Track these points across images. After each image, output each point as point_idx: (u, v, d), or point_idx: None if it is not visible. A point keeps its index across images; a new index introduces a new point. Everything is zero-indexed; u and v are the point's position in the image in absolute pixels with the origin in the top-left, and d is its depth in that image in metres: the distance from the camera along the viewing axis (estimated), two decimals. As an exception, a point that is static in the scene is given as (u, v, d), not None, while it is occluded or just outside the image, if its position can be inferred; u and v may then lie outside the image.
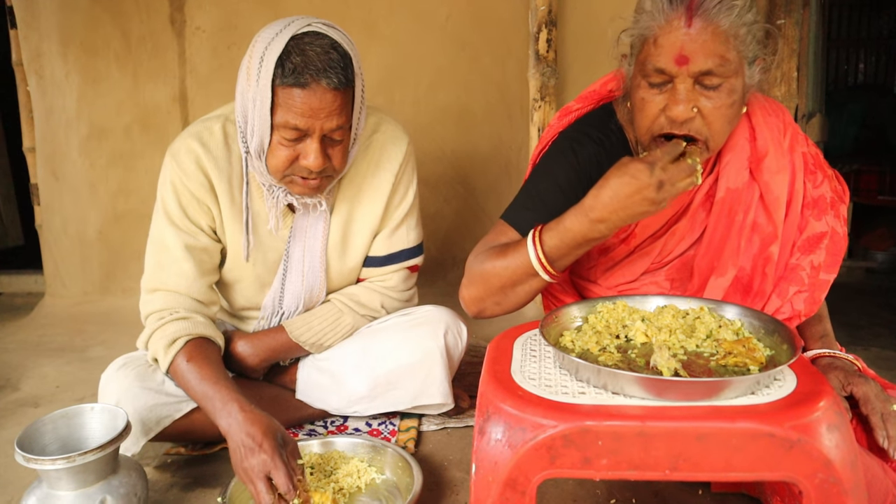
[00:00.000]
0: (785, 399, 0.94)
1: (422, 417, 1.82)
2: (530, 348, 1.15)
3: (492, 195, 2.87)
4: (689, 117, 1.22)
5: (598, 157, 1.40)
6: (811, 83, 2.98)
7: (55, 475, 1.23)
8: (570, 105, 1.52)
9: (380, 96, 2.80)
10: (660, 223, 1.40)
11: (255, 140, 1.46)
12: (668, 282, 1.45)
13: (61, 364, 2.38)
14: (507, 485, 0.92)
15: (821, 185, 1.39)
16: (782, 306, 1.36)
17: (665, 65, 1.20)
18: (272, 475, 1.27)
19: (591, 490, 1.46)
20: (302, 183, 1.49)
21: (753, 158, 1.36)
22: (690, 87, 1.21)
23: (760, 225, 1.36)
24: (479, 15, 2.77)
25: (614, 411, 0.92)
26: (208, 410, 1.42)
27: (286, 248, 1.68)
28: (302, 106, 1.37)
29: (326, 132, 1.42)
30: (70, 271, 3.03)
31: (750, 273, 1.37)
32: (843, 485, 0.89)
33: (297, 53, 1.36)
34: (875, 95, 5.98)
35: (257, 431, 1.32)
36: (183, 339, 1.52)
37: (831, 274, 1.38)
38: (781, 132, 1.38)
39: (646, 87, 1.25)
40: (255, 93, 1.41)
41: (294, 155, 1.45)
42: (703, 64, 1.18)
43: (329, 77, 1.37)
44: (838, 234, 1.38)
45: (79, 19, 2.85)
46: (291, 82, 1.36)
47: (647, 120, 1.27)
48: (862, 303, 3.08)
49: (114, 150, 2.94)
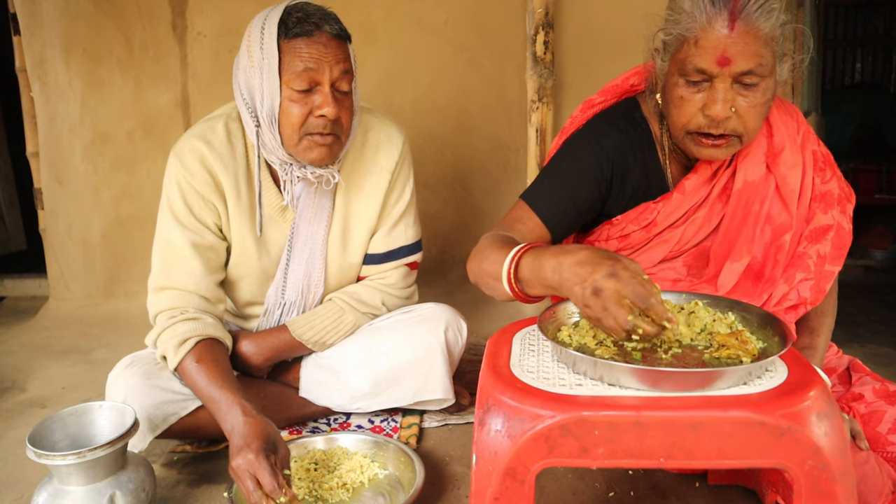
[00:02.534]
0: (776, 389, 0.97)
1: (423, 414, 1.85)
2: (529, 343, 1.17)
3: (491, 196, 2.90)
4: (727, 116, 1.26)
5: (622, 146, 1.44)
6: (807, 82, 3.01)
7: (66, 471, 1.26)
8: (592, 98, 1.55)
9: (378, 98, 2.83)
10: (681, 212, 1.45)
11: (267, 105, 1.50)
12: (686, 268, 1.50)
13: (67, 366, 2.40)
14: (506, 474, 0.95)
15: (829, 181, 1.44)
16: (789, 293, 1.40)
17: (707, 65, 1.24)
18: (257, 475, 1.28)
19: (591, 483, 1.49)
20: (319, 141, 1.52)
21: (770, 153, 1.42)
22: (729, 87, 1.25)
23: (774, 215, 1.42)
24: (477, 18, 2.80)
25: (610, 402, 0.95)
26: (214, 413, 1.45)
27: (289, 238, 1.70)
28: (309, 51, 1.46)
29: (335, 79, 1.49)
30: (74, 275, 3.06)
31: (762, 260, 1.42)
32: (833, 471, 0.91)
33: (296, 11, 1.48)
34: (872, 94, 6.01)
35: (249, 433, 1.33)
36: (193, 339, 1.54)
37: (836, 266, 1.42)
38: (796, 130, 1.44)
39: (684, 84, 1.29)
40: (261, 59, 1.47)
41: (307, 111, 1.49)
42: (744, 65, 1.22)
43: (331, 24, 1.49)
44: (844, 230, 1.43)
45: (82, 26, 2.88)
46: (297, 32, 1.46)
47: (683, 117, 1.31)
48: (860, 300, 3.10)
49: (117, 155, 2.97)
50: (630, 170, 1.46)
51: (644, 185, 1.47)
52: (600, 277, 1.02)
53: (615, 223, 1.50)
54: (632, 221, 1.47)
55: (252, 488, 1.27)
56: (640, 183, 1.47)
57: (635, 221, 1.47)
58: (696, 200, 1.44)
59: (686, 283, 1.47)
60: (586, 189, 1.43)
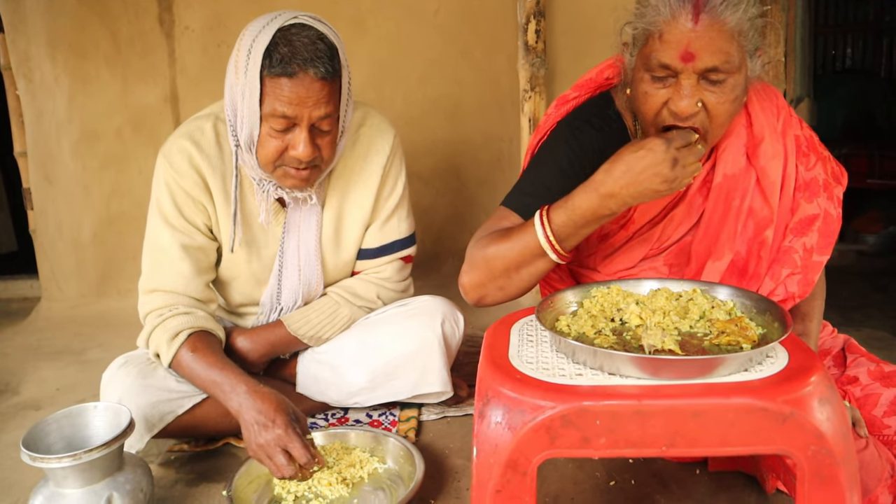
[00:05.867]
0: (777, 375, 0.96)
1: (421, 407, 1.84)
2: (527, 333, 1.16)
3: (485, 187, 2.89)
4: (693, 112, 1.23)
5: (598, 143, 1.41)
6: (799, 68, 3.01)
7: (61, 473, 1.24)
8: (566, 94, 1.53)
9: (370, 91, 2.80)
10: (658, 209, 1.42)
11: (245, 132, 1.47)
12: (667, 267, 1.47)
13: (60, 367, 2.38)
14: (507, 466, 0.94)
15: (813, 167, 1.40)
16: (776, 289, 1.38)
17: (670, 61, 1.21)
18: (289, 448, 1.31)
19: (591, 473, 1.49)
20: (293, 174, 1.50)
21: (750, 144, 1.38)
22: (695, 83, 1.22)
23: (756, 209, 1.38)
24: (468, 7, 2.78)
25: (611, 391, 0.94)
26: (217, 395, 1.46)
27: (280, 244, 1.69)
28: (290, 95, 1.40)
29: (314, 121, 1.44)
30: (65, 275, 3.03)
31: (745, 257, 1.39)
32: (835, 456, 0.91)
33: (285, 44, 1.38)
34: (863, 80, 6.02)
35: (269, 408, 1.36)
36: (186, 331, 1.54)
37: (824, 255, 1.38)
38: (776, 116, 1.39)
39: (649, 80, 1.26)
40: (244, 85, 1.42)
41: (283, 146, 1.46)
42: (708, 61, 1.19)
43: (316, 66, 1.39)
44: (831, 216, 1.39)
45: (66, 22, 2.85)
46: (279, 72, 1.38)
47: (650, 113, 1.28)
48: (854, 285, 3.11)
49: (106, 153, 2.94)
50: None
51: None
52: (662, 153, 1.17)
53: None
54: (610, 221, 1.46)
55: (285, 462, 1.27)
56: None
57: (613, 221, 1.43)
58: (673, 196, 1.40)
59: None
60: (566, 187, 1.39)
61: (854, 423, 1.26)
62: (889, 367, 1.44)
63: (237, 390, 1.42)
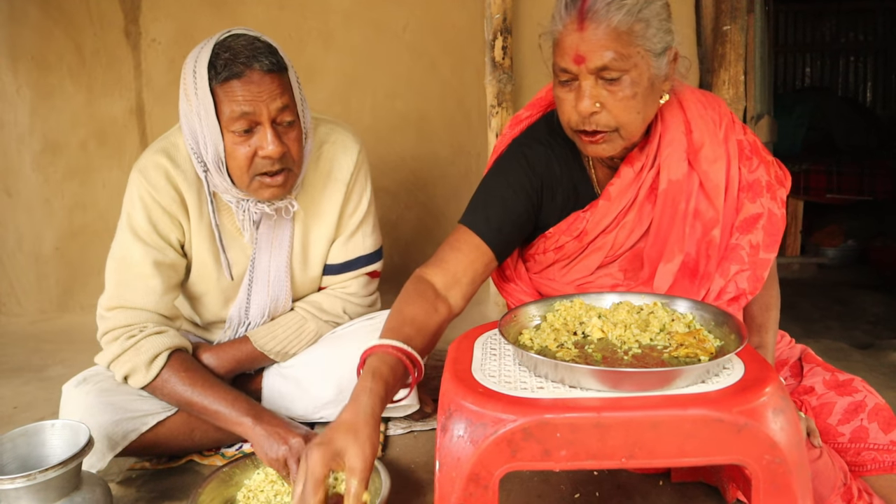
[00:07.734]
0: (733, 386, 0.98)
1: (388, 422, 1.83)
2: (490, 347, 1.17)
3: (452, 201, 2.90)
4: (593, 111, 1.29)
5: (547, 158, 1.48)
6: (759, 86, 3.09)
7: (14, 494, 1.21)
8: (519, 114, 1.59)
9: (337, 105, 2.81)
10: (610, 218, 1.46)
11: (211, 151, 1.47)
12: (622, 273, 1.51)
13: (19, 384, 2.32)
14: (470, 479, 0.94)
15: (756, 169, 1.45)
16: (727, 286, 1.42)
17: (567, 64, 1.29)
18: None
19: (556, 486, 1.50)
20: (268, 182, 1.51)
21: (691, 150, 1.43)
22: (593, 83, 1.28)
23: (702, 211, 1.43)
24: (436, 23, 2.81)
25: (571, 404, 0.95)
26: (216, 418, 1.51)
27: (251, 261, 1.68)
28: (243, 93, 1.42)
29: (274, 116, 1.46)
30: (26, 289, 2.97)
31: (695, 257, 1.43)
32: (788, 465, 0.93)
33: (224, 51, 1.43)
34: (821, 98, 6.19)
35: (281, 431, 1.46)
36: (165, 353, 1.54)
37: (771, 253, 1.43)
38: (717, 123, 1.45)
39: (559, 85, 1.34)
40: (198, 105, 1.44)
41: (252, 151, 1.47)
42: (598, 60, 1.25)
43: (260, 61, 1.43)
44: (775, 216, 1.44)
45: (28, 33, 2.81)
46: (227, 76, 1.41)
47: (564, 116, 1.35)
48: (814, 297, 3.18)
49: (69, 165, 2.89)
50: (558, 181, 1.48)
51: (573, 196, 1.50)
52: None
53: (549, 236, 1.51)
54: (564, 233, 1.49)
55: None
56: (570, 193, 1.49)
57: (567, 232, 1.49)
58: (623, 205, 1.45)
59: (623, 288, 1.48)
60: (519, 202, 1.46)
61: (809, 434, 1.29)
62: (844, 376, 1.48)
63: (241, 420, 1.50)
